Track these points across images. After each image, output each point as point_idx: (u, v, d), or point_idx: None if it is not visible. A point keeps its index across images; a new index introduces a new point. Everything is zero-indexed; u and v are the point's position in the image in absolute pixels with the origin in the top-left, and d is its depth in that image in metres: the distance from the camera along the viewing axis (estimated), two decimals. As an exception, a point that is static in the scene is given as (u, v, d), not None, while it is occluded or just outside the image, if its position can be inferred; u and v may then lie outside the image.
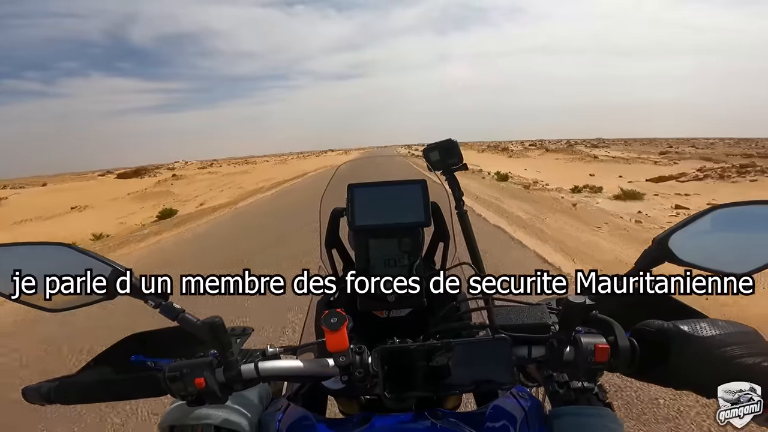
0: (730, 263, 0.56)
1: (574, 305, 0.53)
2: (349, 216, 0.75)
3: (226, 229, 7.83)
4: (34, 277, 0.57)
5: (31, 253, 0.59)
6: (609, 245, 4.84)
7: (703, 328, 0.50)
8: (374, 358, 0.55)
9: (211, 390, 0.54)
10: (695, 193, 9.91)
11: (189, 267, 5.07)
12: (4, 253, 0.58)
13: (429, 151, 1.14)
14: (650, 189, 10.49)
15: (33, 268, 0.58)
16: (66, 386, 0.57)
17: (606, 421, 0.60)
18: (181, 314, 0.57)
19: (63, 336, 3.22)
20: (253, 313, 3.34)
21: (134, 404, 2.22)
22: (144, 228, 9.22)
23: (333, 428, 0.60)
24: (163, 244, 6.97)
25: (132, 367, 0.60)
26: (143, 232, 8.46)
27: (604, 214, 6.86)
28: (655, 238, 0.57)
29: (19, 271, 0.57)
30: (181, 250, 6.33)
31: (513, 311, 0.60)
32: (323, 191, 0.99)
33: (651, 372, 0.53)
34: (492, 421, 0.60)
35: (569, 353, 0.55)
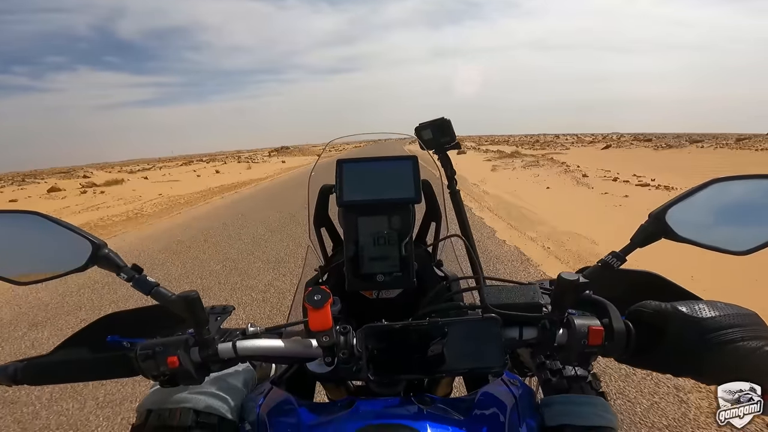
0: (729, 240, 0.53)
1: (567, 282, 0.51)
2: (338, 192, 0.73)
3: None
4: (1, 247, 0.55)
5: (1, 222, 0.56)
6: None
7: (701, 309, 0.48)
8: (359, 339, 0.53)
9: (185, 370, 0.52)
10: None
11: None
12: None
13: (421, 130, 1.11)
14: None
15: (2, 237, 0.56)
16: (34, 367, 0.55)
17: (598, 410, 0.59)
18: (155, 288, 0.55)
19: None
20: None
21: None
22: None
23: (315, 412, 0.58)
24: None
25: (107, 347, 0.58)
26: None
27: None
28: (651, 212, 0.54)
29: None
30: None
31: (504, 291, 0.58)
32: (310, 171, 0.95)
33: (647, 356, 0.51)
34: (481, 407, 0.58)
35: (562, 335, 0.53)
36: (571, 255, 4.40)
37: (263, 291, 3.74)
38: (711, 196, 0.53)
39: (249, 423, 0.61)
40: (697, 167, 12.61)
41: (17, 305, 3.75)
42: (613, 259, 0.55)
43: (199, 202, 10.76)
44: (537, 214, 6.49)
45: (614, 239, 3.26)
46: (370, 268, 0.72)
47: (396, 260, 0.72)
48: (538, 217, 6.28)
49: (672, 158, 17.75)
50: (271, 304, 3.43)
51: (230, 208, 9.26)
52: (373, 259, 0.72)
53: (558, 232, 5.33)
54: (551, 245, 4.77)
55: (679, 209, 0.53)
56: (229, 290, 3.85)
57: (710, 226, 0.54)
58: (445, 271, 0.85)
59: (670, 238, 0.53)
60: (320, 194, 0.85)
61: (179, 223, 7.72)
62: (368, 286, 0.75)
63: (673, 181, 8.89)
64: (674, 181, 8.74)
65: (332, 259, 0.87)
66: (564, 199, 7.95)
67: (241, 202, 10.31)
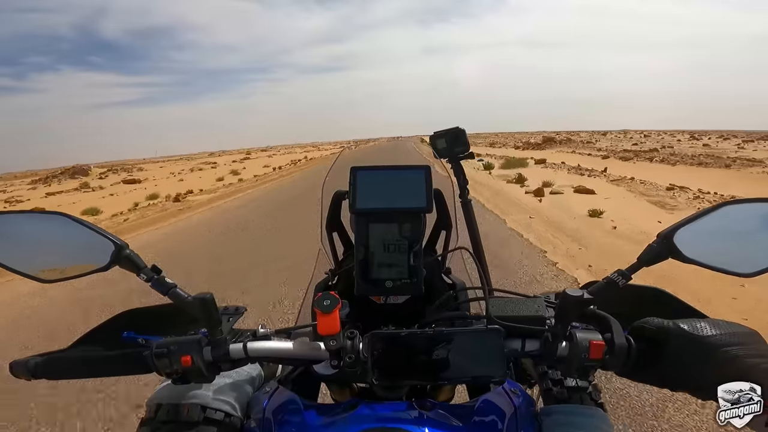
0: (736, 263, 0.54)
1: (571, 298, 0.52)
2: (351, 198, 0.74)
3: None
4: (29, 246, 0.58)
5: (28, 223, 0.59)
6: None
7: (703, 327, 0.49)
8: (365, 344, 0.55)
9: (197, 368, 0.54)
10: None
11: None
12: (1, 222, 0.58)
13: (436, 138, 1.13)
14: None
15: (29, 238, 0.58)
16: (53, 362, 0.57)
17: (596, 422, 0.60)
18: (173, 289, 0.57)
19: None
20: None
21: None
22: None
23: (318, 413, 0.59)
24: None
25: (122, 343, 0.60)
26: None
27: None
28: (660, 233, 0.55)
29: (14, 240, 0.57)
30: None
31: (509, 303, 0.59)
32: (324, 176, 0.98)
33: (647, 372, 0.51)
34: (480, 414, 0.59)
35: (563, 348, 0.54)
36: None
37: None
38: (720, 218, 0.54)
39: (254, 421, 0.63)
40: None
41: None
42: (618, 278, 0.55)
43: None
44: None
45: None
46: (379, 274, 0.73)
47: (405, 267, 0.73)
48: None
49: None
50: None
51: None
52: (382, 266, 0.73)
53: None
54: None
55: (687, 230, 0.54)
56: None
57: (717, 248, 0.54)
58: (453, 279, 0.86)
59: (676, 258, 0.54)
60: (333, 200, 0.87)
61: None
62: (377, 292, 0.76)
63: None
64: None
65: (342, 263, 0.89)
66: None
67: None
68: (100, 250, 0.56)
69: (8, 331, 3.51)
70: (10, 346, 3.18)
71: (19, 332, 3.45)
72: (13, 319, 3.75)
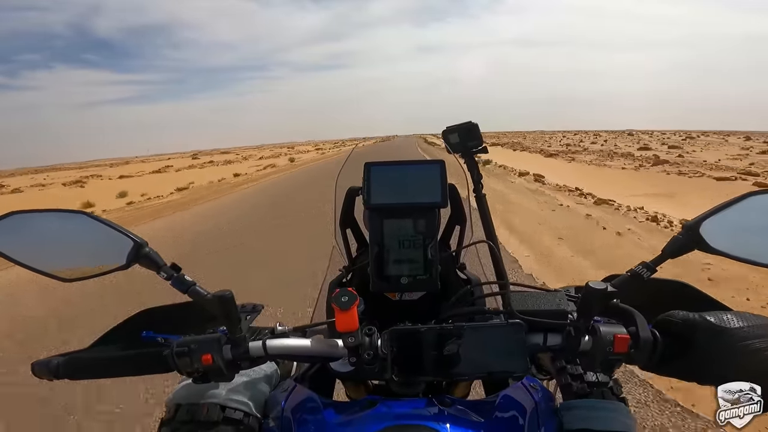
0: (763, 253, 0.53)
1: (595, 291, 0.51)
2: (365, 194, 0.74)
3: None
4: (48, 244, 0.58)
5: (48, 221, 0.59)
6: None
7: (730, 319, 0.48)
8: (384, 340, 0.54)
9: (217, 367, 0.54)
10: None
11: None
12: (22, 220, 0.58)
13: (448, 133, 1.11)
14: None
15: (48, 236, 0.58)
16: (74, 362, 0.57)
17: (618, 416, 0.59)
18: (192, 287, 0.57)
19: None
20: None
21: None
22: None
23: (338, 411, 0.59)
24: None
25: (142, 343, 0.60)
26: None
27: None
28: (685, 224, 0.54)
29: (33, 239, 0.57)
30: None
31: (530, 297, 0.58)
32: (338, 171, 0.97)
33: (673, 365, 0.51)
34: (501, 410, 0.59)
35: (586, 342, 0.53)
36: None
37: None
38: (746, 209, 0.53)
39: (273, 420, 0.62)
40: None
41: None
42: (643, 270, 0.54)
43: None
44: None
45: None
46: (394, 270, 0.73)
47: (420, 263, 0.72)
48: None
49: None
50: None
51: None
52: (397, 262, 0.73)
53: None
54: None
55: (713, 221, 0.53)
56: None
57: (744, 238, 0.54)
58: (468, 274, 0.85)
59: (702, 249, 0.53)
60: (347, 196, 0.86)
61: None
62: (392, 288, 0.76)
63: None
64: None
65: (357, 259, 0.88)
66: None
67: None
68: (120, 248, 0.56)
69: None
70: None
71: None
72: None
